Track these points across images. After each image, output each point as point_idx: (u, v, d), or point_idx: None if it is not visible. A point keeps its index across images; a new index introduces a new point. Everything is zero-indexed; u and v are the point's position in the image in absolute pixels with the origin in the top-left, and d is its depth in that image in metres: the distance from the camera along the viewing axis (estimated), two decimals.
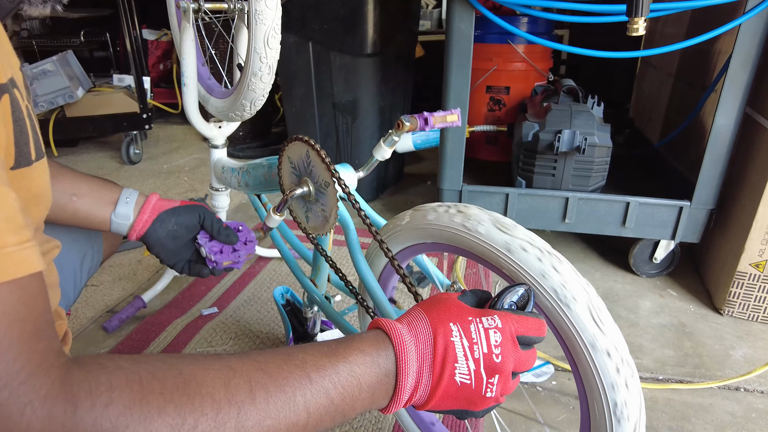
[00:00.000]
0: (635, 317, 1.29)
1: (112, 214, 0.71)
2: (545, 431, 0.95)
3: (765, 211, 1.17)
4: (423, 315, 0.45)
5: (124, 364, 0.34)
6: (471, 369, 0.43)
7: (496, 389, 0.44)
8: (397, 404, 0.44)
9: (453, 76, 1.35)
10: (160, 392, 0.34)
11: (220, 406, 0.35)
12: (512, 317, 0.45)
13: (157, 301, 1.33)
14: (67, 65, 2.32)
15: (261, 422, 0.37)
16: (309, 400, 0.39)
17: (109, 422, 0.31)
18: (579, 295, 0.50)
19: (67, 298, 0.73)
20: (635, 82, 2.36)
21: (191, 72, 1.05)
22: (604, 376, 0.49)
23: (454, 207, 0.61)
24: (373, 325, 0.46)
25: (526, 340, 0.45)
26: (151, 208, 0.73)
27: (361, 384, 0.42)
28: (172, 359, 0.37)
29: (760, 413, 1.00)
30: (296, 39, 1.78)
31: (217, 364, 0.38)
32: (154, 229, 0.73)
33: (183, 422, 0.33)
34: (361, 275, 0.71)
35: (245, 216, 1.85)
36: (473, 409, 0.45)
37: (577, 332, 0.50)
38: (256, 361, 0.40)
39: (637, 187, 1.46)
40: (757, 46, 1.14)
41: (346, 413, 0.42)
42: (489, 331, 0.44)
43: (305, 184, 0.71)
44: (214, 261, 0.76)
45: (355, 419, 0.96)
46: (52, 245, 0.56)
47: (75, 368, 0.32)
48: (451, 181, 1.47)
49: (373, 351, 0.43)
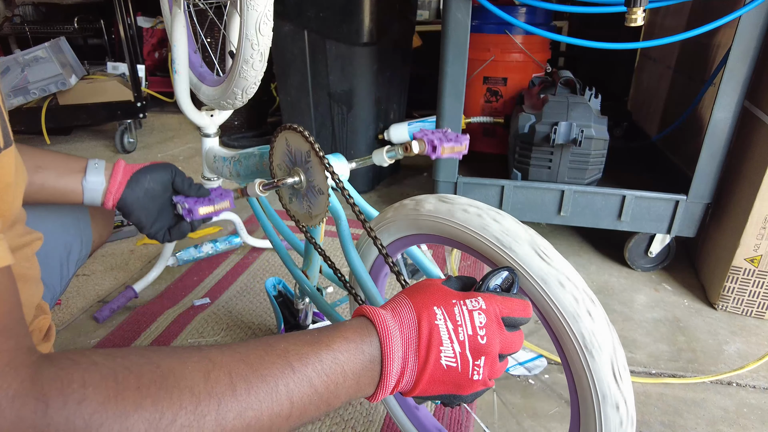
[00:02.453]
0: (630, 311, 1.28)
1: (82, 181, 0.68)
2: (537, 425, 0.95)
3: (761, 205, 1.16)
4: (407, 300, 0.45)
5: (99, 359, 0.33)
6: (456, 352, 0.42)
7: (483, 371, 0.43)
8: (383, 391, 0.43)
9: (449, 66, 1.34)
10: (136, 387, 0.33)
11: (200, 399, 0.34)
12: (496, 299, 0.45)
13: (148, 292, 1.32)
14: (60, 52, 2.29)
15: (242, 414, 0.36)
16: (292, 390, 0.38)
17: (83, 420, 0.30)
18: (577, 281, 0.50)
19: (53, 290, 0.72)
20: (634, 74, 2.35)
21: (182, 59, 1.03)
22: (598, 380, 0.48)
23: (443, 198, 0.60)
24: (358, 312, 0.46)
25: (511, 321, 0.45)
26: (122, 170, 0.71)
27: (346, 371, 0.41)
28: (150, 353, 0.36)
29: (752, 408, 1.00)
30: (291, 27, 1.76)
31: (195, 356, 0.37)
32: (131, 189, 0.70)
33: (161, 417, 0.32)
34: (352, 267, 0.70)
35: (239, 206, 1.84)
36: (461, 393, 0.44)
37: (568, 325, 0.49)
38: (237, 352, 0.39)
39: (633, 181, 1.45)
40: (756, 39, 1.13)
41: (332, 402, 0.41)
42: (473, 313, 0.43)
43: (297, 174, 0.70)
44: (189, 209, 0.74)
45: (345, 411, 0.95)
46: (33, 237, 0.55)
47: (46, 366, 0.31)
48: (447, 172, 1.45)
49: (357, 338, 0.42)
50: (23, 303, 0.55)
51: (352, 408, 0.96)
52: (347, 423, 0.93)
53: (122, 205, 0.71)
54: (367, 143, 1.91)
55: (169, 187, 0.75)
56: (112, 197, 0.70)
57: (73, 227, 0.78)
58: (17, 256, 0.52)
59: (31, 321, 0.58)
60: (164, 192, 0.74)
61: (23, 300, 0.55)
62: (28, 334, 0.33)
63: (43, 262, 0.68)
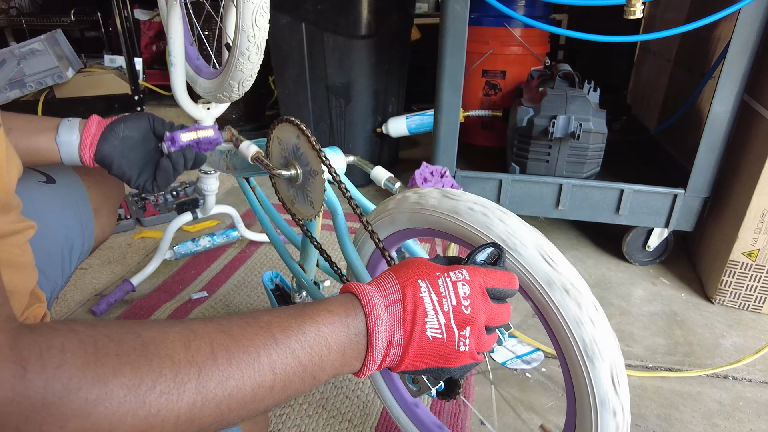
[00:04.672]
0: (627, 305, 1.29)
1: (56, 138, 0.67)
2: (534, 417, 0.95)
3: (759, 200, 1.16)
4: (392, 276, 0.45)
5: (79, 328, 0.33)
6: (441, 322, 0.43)
7: (470, 342, 0.43)
8: (370, 365, 0.43)
9: (448, 59, 1.33)
10: (115, 354, 0.33)
11: (180, 367, 0.34)
12: (480, 270, 0.45)
13: (146, 285, 1.32)
14: (57, 44, 2.28)
15: (223, 382, 0.36)
16: (275, 360, 0.38)
17: (61, 384, 0.30)
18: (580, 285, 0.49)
19: (54, 283, 0.72)
20: (634, 68, 2.34)
21: (179, 51, 1.02)
22: (595, 382, 0.48)
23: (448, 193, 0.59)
24: (344, 289, 0.46)
25: (496, 293, 0.45)
26: (96, 123, 0.69)
27: (330, 343, 0.41)
28: (132, 323, 0.36)
29: (748, 401, 1.00)
30: (289, 19, 1.75)
31: (177, 327, 0.37)
32: (105, 139, 0.69)
33: (140, 383, 0.33)
34: (348, 261, 0.70)
35: (237, 200, 1.84)
36: (449, 365, 0.44)
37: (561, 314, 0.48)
38: (220, 324, 0.39)
39: (632, 175, 1.45)
40: (756, 32, 1.12)
41: (317, 374, 0.41)
42: (457, 284, 0.43)
43: (293, 167, 0.70)
44: (171, 137, 0.72)
45: (342, 405, 0.96)
46: (26, 225, 0.55)
47: (25, 333, 0.31)
48: (445, 165, 1.45)
49: (342, 311, 0.43)
50: (16, 289, 0.55)
51: (349, 401, 0.97)
52: (344, 416, 0.93)
53: (101, 158, 0.70)
54: (365, 137, 1.90)
55: (150, 136, 0.74)
56: (87, 150, 0.68)
57: (75, 222, 0.78)
58: (8, 242, 0.52)
59: (25, 308, 0.58)
60: (144, 141, 0.73)
61: (16, 286, 0.55)
62: (7, 304, 0.33)
63: (44, 256, 0.68)
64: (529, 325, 1.19)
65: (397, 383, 0.80)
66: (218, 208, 1.40)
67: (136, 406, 0.32)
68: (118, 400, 0.32)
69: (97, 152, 0.69)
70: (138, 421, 0.32)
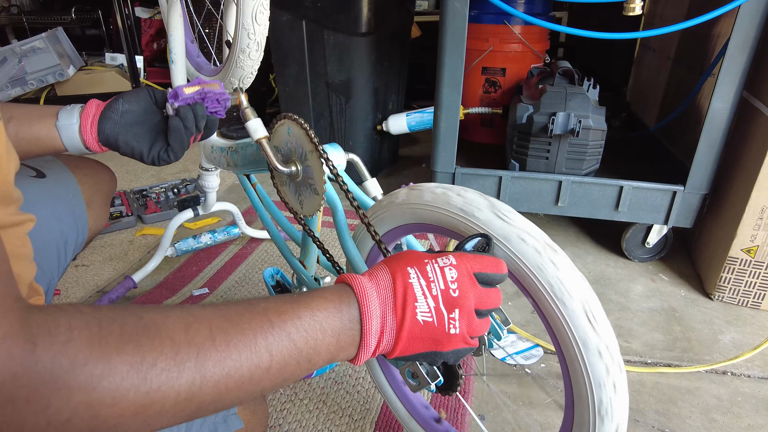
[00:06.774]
0: (626, 301, 1.29)
1: (56, 123, 0.67)
2: (532, 413, 0.96)
3: (758, 196, 1.17)
4: (383, 265, 0.47)
5: (85, 309, 0.35)
6: (431, 306, 0.44)
7: (459, 324, 0.45)
8: (365, 351, 0.45)
9: (447, 56, 1.33)
10: (119, 333, 0.34)
11: (179, 347, 0.36)
12: (467, 256, 0.47)
13: (147, 282, 1.33)
14: (58, 42, 2.28)
15: (221, 362, 0.38)
16: (271, 343, 0.40)
17: (68, 359, 0.31)
18: (575, 292, 0.49)
19: (50, 276, 0.73)
20: (633, 65, 2.34)
21: (179, 48, 1.03)
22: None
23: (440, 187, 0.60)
24: (339, 280, 0.48)
25: (485, 277, 0.46)
26: (95, 105, 0.69)
27: (325, 328, 0.43)
28: (134, 307, 0.38)
29: (746, 397, 1.00)
30: (289, 17, 1.75)
31: (177, 311, 0.39)
32: (106, 116, 0.68)
33: (142, 360, 0.34)
34: (348, 257, 0.70)
35: (238, 197, 1.84)
36: (441, 349, 0.46)
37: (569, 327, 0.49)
38: (218, 309, 0.41)
39: (631, 171, 1.45)
40: (756, 29, 1.12)
41: (312, 358, 0.43)
42: (444, 269, 0.45)
43: (293, 164, 0.70)
44: (174, 92, 0.69)
45: (343, 400, 0.96)
46: (25, 218, 0.56)
47: (35, 312, 0.33)
48: (444, 163, 1.45)
49: (336, 298, 0.44)
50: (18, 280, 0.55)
51: (349, 396, 0.97)
52: (344, 411, 0.94)
53: (105, 139, 0.69)
54: (365, 134, 1.91)
55: (153, 107, 0.72)
56: (89, 132, 0.68)
57: (68, 215, 0.78)
58: (9, 234, 0.53)
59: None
60: (147, 113, 0.71)
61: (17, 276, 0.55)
62: (15, 284, 0.34)
63: (40, 249, 0.68)
64: (527, 321, 1.19)
65: (393, 372, 0.80)
66: (219, 205, 1.40)
67: (138, 381, 0.34)
68: (122, 376, 0.33)
69: (100, 133, 0.68)
70: (140, 396, 0.34)
